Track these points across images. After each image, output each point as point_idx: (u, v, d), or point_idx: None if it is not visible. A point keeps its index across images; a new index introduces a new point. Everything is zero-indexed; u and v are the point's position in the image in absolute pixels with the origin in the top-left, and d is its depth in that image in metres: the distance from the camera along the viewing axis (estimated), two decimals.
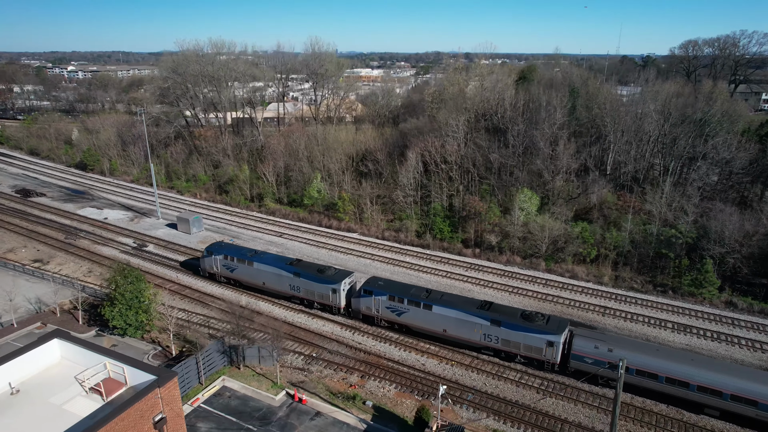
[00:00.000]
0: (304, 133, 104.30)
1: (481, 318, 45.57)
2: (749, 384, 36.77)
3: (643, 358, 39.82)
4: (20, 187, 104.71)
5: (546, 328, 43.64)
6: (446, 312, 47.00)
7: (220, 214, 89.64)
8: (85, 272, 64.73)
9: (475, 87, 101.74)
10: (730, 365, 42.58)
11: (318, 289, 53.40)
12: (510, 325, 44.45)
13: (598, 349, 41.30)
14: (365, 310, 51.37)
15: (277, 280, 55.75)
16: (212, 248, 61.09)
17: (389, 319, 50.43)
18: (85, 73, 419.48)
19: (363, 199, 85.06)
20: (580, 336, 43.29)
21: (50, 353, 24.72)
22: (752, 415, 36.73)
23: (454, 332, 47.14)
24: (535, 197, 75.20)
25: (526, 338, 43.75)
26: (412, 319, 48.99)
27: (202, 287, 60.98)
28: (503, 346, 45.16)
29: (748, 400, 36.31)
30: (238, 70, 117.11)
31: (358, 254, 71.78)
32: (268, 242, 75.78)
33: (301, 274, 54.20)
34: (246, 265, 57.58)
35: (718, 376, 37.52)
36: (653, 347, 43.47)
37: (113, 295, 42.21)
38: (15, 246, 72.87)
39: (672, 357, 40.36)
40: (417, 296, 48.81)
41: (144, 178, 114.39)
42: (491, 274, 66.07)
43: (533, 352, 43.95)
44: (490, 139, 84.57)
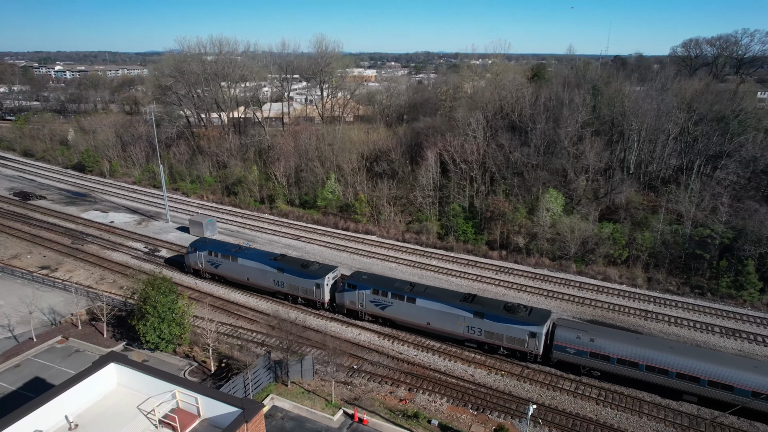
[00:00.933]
0: (313, 132, 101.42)
1: (464, 310, 45.58)
2: (725, 370, 37.58)
3: (623, 347, 40.43)
4: (18, 189, 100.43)
5: (528, 319, 43.63)
6: (430, 305, 47.01)
7: (231, 217, 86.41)
8: (97, 279, 61.31)
9: (489, 85, 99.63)
10: (707, 352, 42.95)
11: (302, 284, 53.10)
12: (493, 317, 44.47)
13: (580, 339, 41.58)
14: (349, 304, 51.16)
15: (261, 275, 55.42)
16: (196, 244, 60.47)
17: (373, 313, 50.33)
18: (73, 72, 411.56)
19: (380, 200, 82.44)
20: (562, 327, 43.29)
21: (107, 380, 21.80)
22: (729, 400, 37.32)
23: (438, 325, 47.17)
24: (560, 197, 73.15)
25: (509, 330, 43.78)
26: (396, 313, 48.95)
27: (223, 294, 57.95)
28: (486, 338, 45.19)
29: (725, 385, 37.10)
30: (245, 68, 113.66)
31: (381, 257, 69.13)
32: (285, 246, 72.80)
33: (285, 270, 53.82)
34: (230, 260, 57.16)
35: (696, 363, 38.33)
36: (633, 336, 43.72)
37: (145, 308, 38.95)
38: (19, 252, 69.09)
39: (651, 345, 40.99)
40: (401, 289, 48.82)
41: (146, 179, 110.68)
42: (522, 277, 63.85)
43: (516, 343, 44.02)
44: (510, 138, 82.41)
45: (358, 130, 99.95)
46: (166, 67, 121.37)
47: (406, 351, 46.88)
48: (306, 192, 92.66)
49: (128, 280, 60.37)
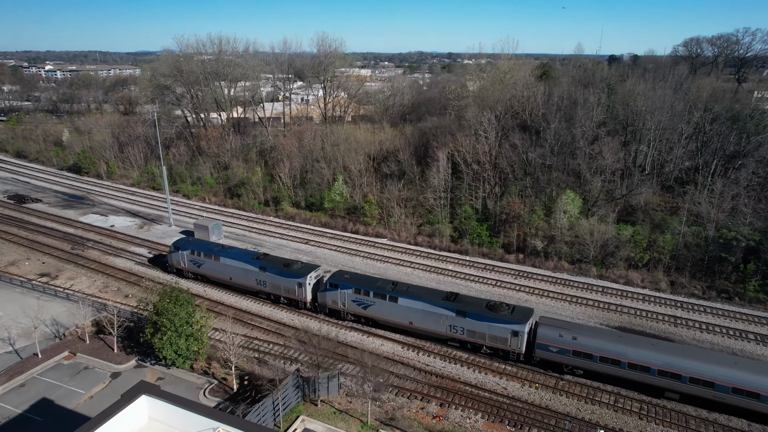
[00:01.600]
0: (318, 132, 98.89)
1: (446, 309, 45.15)
2: (706, 366, 37.44)
3: (606, 345, 40.26)
4: (12, 192, 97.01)
5: (511, 317, 43.31)
6: (412, 304, 46.56)
7: (236, 220, 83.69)
8: (101, 287, 58.45)
9: (497, 83, 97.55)
10: (688, 348, 42.78)
11: (284, 284, 52.48)
12: (475, 315, 44.06)
13: (562, 337, 41.24)
14: (331, 304, 50.72)
15: (243, 275, 54.90)
16: (179, 243, 59.97)
17: (356, 312, 49.85)
18: (64, 72, 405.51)
19: (390, 202, 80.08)
20: (544, 325, 42.84)
21: (138, 413, 19.31)
22: (710, 397, 37.33)
23: (420, 324, 46.73)
24: (577, 199, 71.18)
25: (491, 328, 43.41)
26: (379, 312, 48.49)
27: (235, 302, 55.37)
28: (469, 337, 44.80)
29: (706, 381, 37.05)
30: (247, 68, 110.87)
31: (396, 262, 66.81)
32: (294, 250, 70.30)
33: (267, 269, 53.22)
34: (213, 260, 56.63)
35: (677, 360, 38.23)
36: (616, 334, 43.38)
37: (160, 322, 36.22)
38: (17, 258, 66.01)
39: (633, 343, 40.76)
40: (383, 288, 48.41)
41: (145, 181, 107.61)
42: (542, 281, 61.78)
43: (498, 342, 43.67)
44: (523, 138, 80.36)
45: (364, 130, 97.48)
46: (164, 66, 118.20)
47: (432, 362, 44.58)
48: (311, 194, 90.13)
49: (134, 288, 57.82)
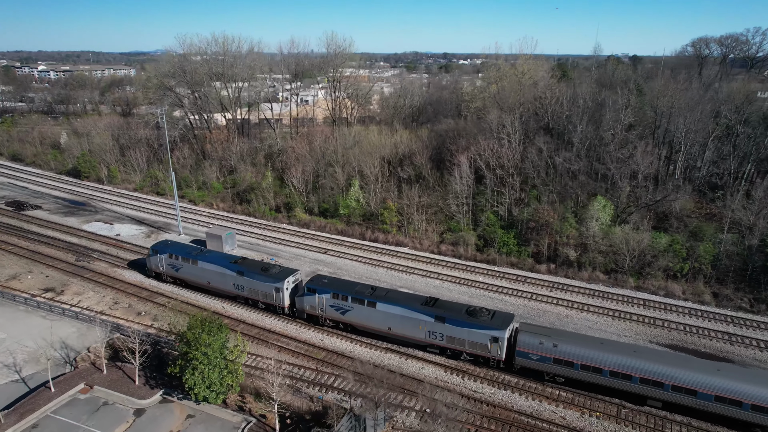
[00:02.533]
0: (331, 135, 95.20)
1: (425, 315, 44.29)
2: (688, 374, 36.81)
3: (587, 352, 39.40)
4: (10, 198, 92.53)
5: (490, 323, 42.40)
6: (390, 309, 45.49)
7: (247, 227, 79.77)
8: (110, 303, 54.42)
9: (515, 84, 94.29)
10: (671, 356, 42.22)
11: (261, 288, 51.72)
12: (454, 321, 43.19)
13: (542, 344, 40.35)
14: (309, 309, 49.75)
15: (221, 279, 54.12)
16: (158, 247, 59.25)
17: (334, 318, 48.83)
18: (58, 72, 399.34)
19: (410, 209, 76.47)
20: (524, 332, 41.84)
21: None
22: (692, 405, 36.76)
23: (399, 330, 45.75)
24: (609, 205, 67.96)
25: (471, 334, 42.55)
26: (357, 318, 47.51)
27: (257, 320, 51.53)
28: (448, 344, 43.93)
29: (688, 389, 36.46)
30: (254, 68, 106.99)
31: (421, 273, 63.23)
32: (313, 261, 66.56)
33: (245, 273, 52.47)
34: (191, 264, 55.89)
35: (659, 368, 37.50)
36: (597, 341, 42.29)
37: (192, 355, 32.09)
38: (18, 271, 61.79)
39: (615, 350, 39.84)
40: (361, 293, 47.33)
41: (148, 186, 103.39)
42: (579, 294, 58.39)
43: (478, 348, 42.76)
44: (547, 142, 77.04)
45: (378, 133, 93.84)
46: (166, 66, 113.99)
47: (481, 389, 41.01)
48: (324, 199, 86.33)
49: (147, 305, 53.93)
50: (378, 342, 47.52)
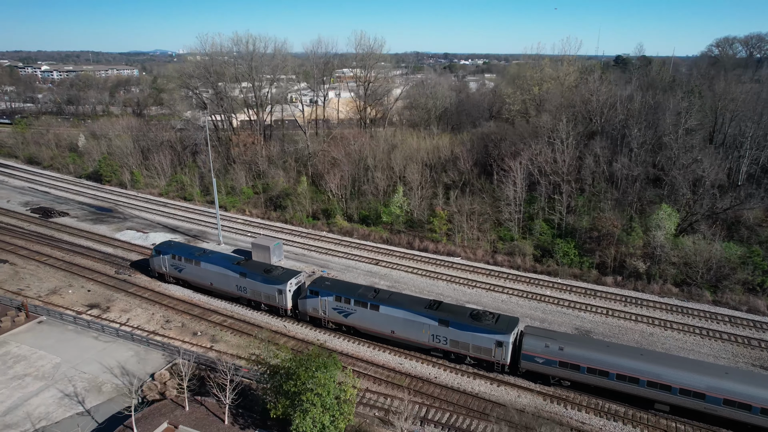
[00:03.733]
0: (365, 138, 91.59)
1: (428, 318, 43.72)
2: (697, 377, 36.27)
3: (594, 355, 38.87)
4: (35, 204, 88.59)
5: (495, 327, 41.91)
6: (393, 312, 45.04)
7: (286, 236, 76.05)
8: (161, 322, 50.70)
9: (558, 86, 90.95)
10: (679, 359, 41.29)
11: (264, 290, 51.22)
12: (458, 325, 42.68)
13: (548, 348, 39.91)
14: (312, 311, 49.28)
15: (224, 280, 53.72)
16: (161, 248, 58.93)
17: (336, 320, 48.37)
18: (61, 73, 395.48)
19: (460, 216, 72.91)
20: (530, 335, 41.39)
21: None
22: (700, 409, 36.16)
23: (402, 333, 45.25)
24: (675, 214, 64.49)
25: (475, 338, 42.01)
26: (360, 321, 47.01)
27: (326, 340, 47.80)
28: (452, 347, 43.39)
29: (696, 393, 35.91)
30: (285, 68, 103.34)
31: (485, 287, 59.65)
32: (367, 273, 62.96)
33: (248, 275, 52.01)
34: (193, 264, 55.53)
35: (667, 371, 36.97)
36: (603, 344, 41.77)
37: (306, 397, 27.78)
38: (58, 285, 58.00)
39: (622, 353, 39.40)
40: (364, 296, 46.92)
41: (174, 191, 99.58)
42: (657, 309, 54.88)
43: (482, 352, 42.25)
44: (603, 147, 73.62)
45: (417, 137, 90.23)
46: (190, 67, 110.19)
47: (588, 420, 37.44)
48: (364, 206, 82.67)
49: (201, 324, 50.25)
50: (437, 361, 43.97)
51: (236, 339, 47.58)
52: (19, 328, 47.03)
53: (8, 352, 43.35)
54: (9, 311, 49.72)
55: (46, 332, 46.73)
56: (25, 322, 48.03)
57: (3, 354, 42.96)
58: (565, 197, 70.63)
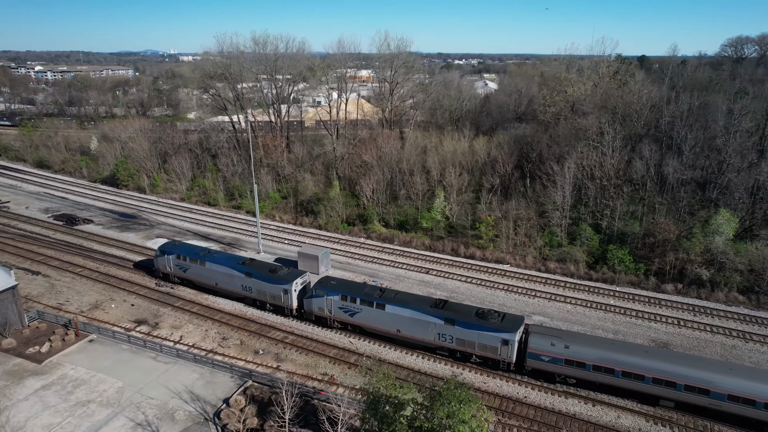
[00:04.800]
0: (397, 141, 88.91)
1: (434, 317, 43.96)
2: (702, 373, 36.62)
3: (599, 353, 39.11)
4: (55, 210, 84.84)
5: (501, 326, 42.18)
6: (399, 311, 45.25)
7: (324, 243, 73.27)
8: (218, 339, 47.71)
9: (595, 88, 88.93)
10: (683, 355, 42.12)
11: (269, 290, 51.43)
12: (464, 323, 42.93)
13: (554, 346, 40.10)
14: (317, 311, 49.44)
15: (229, 280, 53.94)
16: (165, 248, 59.17)
17: (342, 320, 48.53)
18: (55, 73, 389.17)
19: (506, 222, 70.57)
20: (536, 333, 41.65)
21: None
22: (705, 404, 36.56)
23: (408, 332, 45.43)
24: (734, 219, 62.59)
25: (481, 337, 42.29)
26: (365, 320, 47.15)
27: (424, 367, 45.12)
28: (458, 346, 43.68)
29: (701, 389, 36.27)
30: (314, 69, 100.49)
31: (545, 296, 57.33)
32: (420, 282, 60.37)
33: (253, 274, 52.29)
34: (198, 264, 55.70)
35: (672, 367, 37.26)
36: (609, 342, 42.20)
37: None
38: (99, 299, 54.75)
39: (627, 350, 39.67)
40: (370, 295, 47.08)
41: (196, 196, 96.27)
42: (731, 320, 52.76)
43: (488, 351, 42.53)
44: (652, 150, 71.56)
45: (451, 139, 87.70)
46: (209, 67, 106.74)
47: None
48: (400, 211, 79.94)
49: (261, 341, 47.43)
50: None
51: (303, 357, 44.75)
52: (71, 348, 43.88)
53: (65, 375, 40.22)
54: (56, 329, 46.55)
55: (99, 352, 43.60)
56: (75, 341, 44.85)
57: (60, 378, 39.84)
58: (615, 202, 68.54)
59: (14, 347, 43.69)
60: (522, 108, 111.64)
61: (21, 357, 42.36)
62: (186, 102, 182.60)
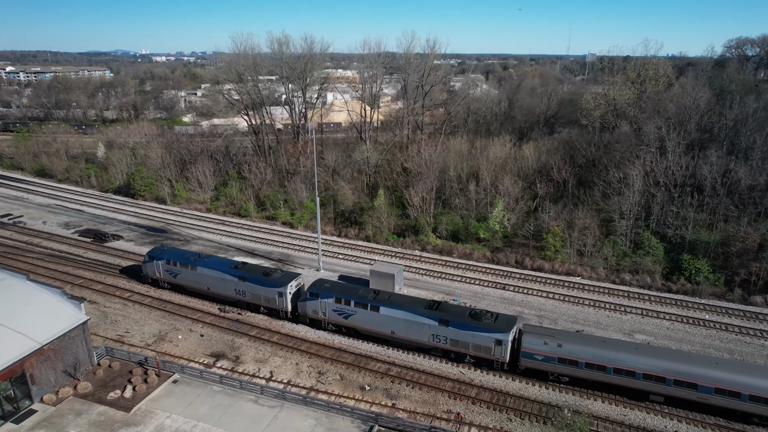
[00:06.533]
0: (444, 147, 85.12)
1: (428, 318, 44.40)
2: (690, 368, 37.73)
3: (591, 351, 39.92)
4: (75, 225, 77.90)
5: (494, 326, 42.73)
6: (394, 313, 45.63)
7: (378, 256, 68.97)
8: (314, 374, 42.95)
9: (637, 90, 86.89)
10: (672, 351, 43.15)
11: (264, 293, 51.50)
12: (458, 324, 43.49)
13: (547, 345, 40.81)
14: (312, 313, 49.64)
15: (222, 284, 53.55)
16: (154, 253, 58.55)
17: (337, 322, 48.79)
18: (28, 74, 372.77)
19: (571, 232, 67.58)
20: (529, 333, 42.39)
21: None
22: (693, 398, 37.67)
23: (403, 334, 45.80)
24: None
25: (475, 337, 42.80)
26: (360, 322, 47.47)
27: (522, 390, 41.30)
28: (452, 347, 44.15)
29: (689, 383, 37.35)
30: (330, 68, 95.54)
31: (637, 312, 54.34)
32: (501, 300, 56.71)
33: (247, 278, 52.18)
34: (189, 269, 55.27)
35: (662, 363, 38.32)
36: (600, 340, 43.08)
37: None
38: (162, 329, 49.28)
39: (619, 348, 40.53)
40: (364, 297, 47.56)
41: (223, 206, 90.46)
42: None
43: (482, 351, 42.99)
44: (719, 155, 69.53)
45: (499, 145, 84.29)
46: (227, 73, 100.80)
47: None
48: (449, 221, 75.99)
49: (365, 375, 42.89)
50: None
51: (417, 392, 40.52)
52: (156, 391, 38.61)
53: (162, 426, 35.01)
54: (131, 368, 41.15)
55: (190, 395, 38.45)
56: (158, 382, 39.58)
57: (157, 429, 34.60)
58: (685, 209, 66.26)
59: (92, 392, 38.22)
60: (551, 111, 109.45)
61: (103, 404, 36.96)
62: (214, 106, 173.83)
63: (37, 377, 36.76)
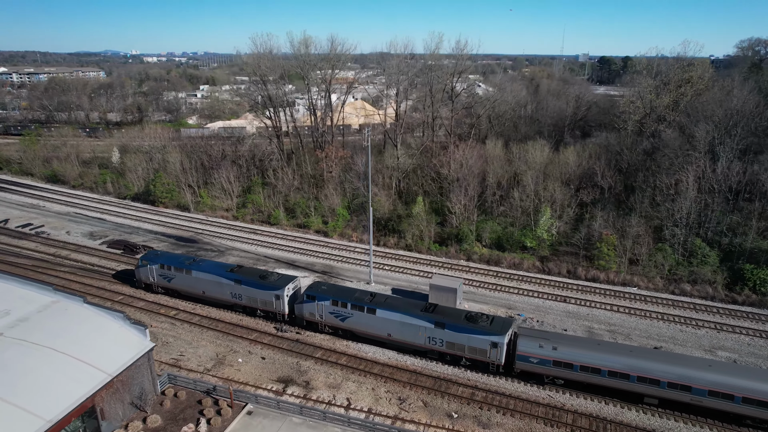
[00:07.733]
0: (479, 151, 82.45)
1: (425, 320, 44.49)
2: (683, 370, 37.78)
3: (586, 354, 40.00)
4: (99, 235, 74.23)
5: (490, 329, 42.68)
6: (390, 315, 45.68)
7: (423, 267, 66.28)
8: (394, 401, 40.02)
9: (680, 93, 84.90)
10: (665, 354, 43.54)
11: (260, 296, 51.38)
12: (454, 327, 43.48)
13: (542, 348, 40.86)
14: (308, 316, 49.53)
15: (217, 288, 53.31)
16: (147, 257, 58.06)
17: (333, 324, 48.76)
18: (21, 75, 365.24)
19: (624, 240, 65.30)
20: (524, 336, 42.32)
21: None
22: (687, 401, 37.61)
23: (399, 336, 45.84)
24: None
25: (470, 340, 42.86)
26: (356, 324, 47.50)
27: (619, 415, 38.73)
28: (448, 349, 44.17)
29: (683, 386, 37.37)
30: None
31: (711, 326, 52.15)
32: (565, 314, 54.21)
33: (243, 281, 51.97)
34: (184, 273, 54.92)
35: (656, 365, 38.36)
36: (595, 342, 42.98)
37: None
38: (219, 351, 46.12)
39: (613, 351, 40.64)
40: (360, 300, 47.41)
41: (251, 214, 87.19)
42: None
43: (478, 354, 43.03)
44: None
45: (539, 150, 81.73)
46: (253, 69, 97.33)
47: None
48: (497, 229, 73.28)
49: (451, 401, 40.16)
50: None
51: (510, 420, 37.82)
52: (233, 425, 35.53)
53: None
54: (200, 398, 38.02)
55: (269, 429, 35.39)
56: (232, 414, 36.51)
57: None
58: (747, 218, 64.32)
59: (162, 426, 35.09)
60: (580, 114, 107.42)
61: None
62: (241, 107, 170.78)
63: (106, 412, 33.57)
